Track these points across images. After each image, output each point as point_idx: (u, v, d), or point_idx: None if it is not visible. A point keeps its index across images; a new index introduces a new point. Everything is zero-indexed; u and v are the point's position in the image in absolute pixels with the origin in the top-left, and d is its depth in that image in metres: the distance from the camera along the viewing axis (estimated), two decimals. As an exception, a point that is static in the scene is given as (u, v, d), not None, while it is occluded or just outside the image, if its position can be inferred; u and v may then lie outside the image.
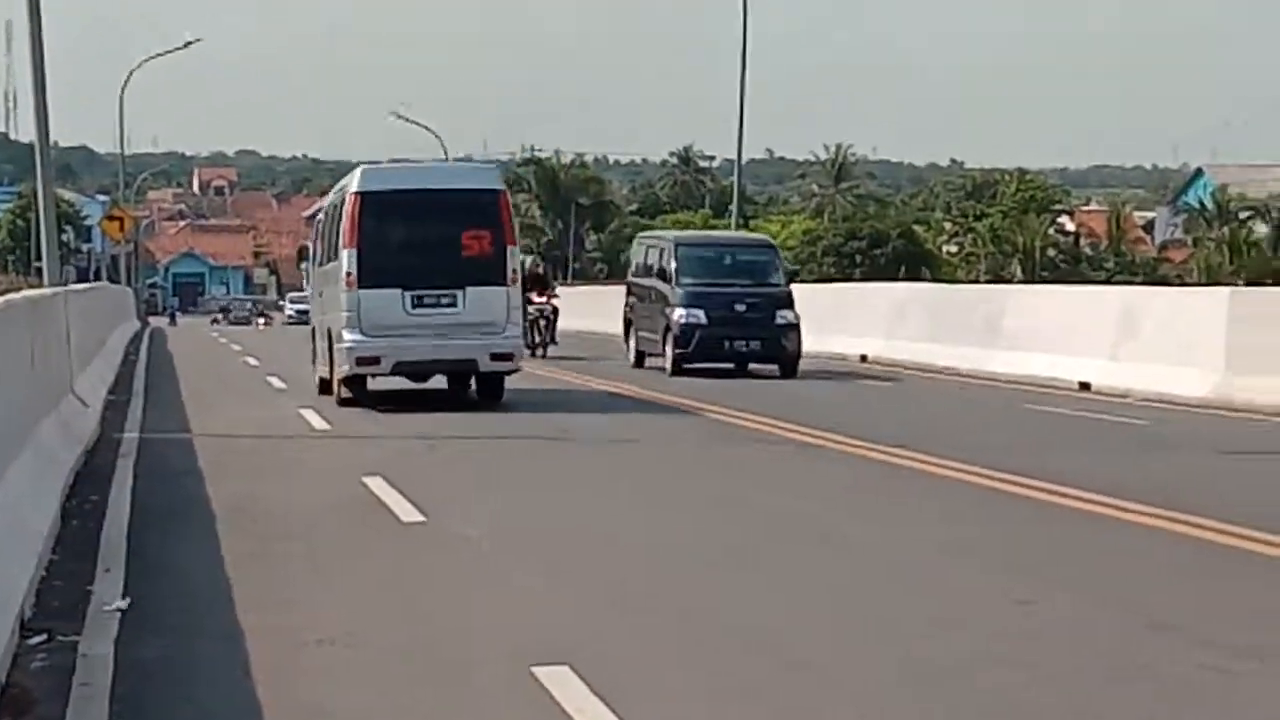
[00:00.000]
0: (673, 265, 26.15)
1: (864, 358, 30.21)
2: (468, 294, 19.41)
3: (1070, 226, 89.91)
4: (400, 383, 20.53)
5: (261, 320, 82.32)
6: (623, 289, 30.47)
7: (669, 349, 25.60)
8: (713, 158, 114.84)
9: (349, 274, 19.26)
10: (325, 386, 20.96)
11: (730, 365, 25.91)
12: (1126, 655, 7.06)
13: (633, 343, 28.18)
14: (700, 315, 25.28)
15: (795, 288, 27.95)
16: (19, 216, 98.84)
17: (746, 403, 19.52)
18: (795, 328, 25.65)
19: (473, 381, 20.61)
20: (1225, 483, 13.13)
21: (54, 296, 16.39)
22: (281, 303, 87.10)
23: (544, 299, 32.35)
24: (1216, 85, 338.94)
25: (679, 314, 25.44)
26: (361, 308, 19.25)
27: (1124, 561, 9.43)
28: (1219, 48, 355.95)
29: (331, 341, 20.21)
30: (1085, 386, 22.16)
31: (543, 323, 32.02)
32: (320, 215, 23.65)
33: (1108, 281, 63.49)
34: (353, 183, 19.88)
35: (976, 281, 66.96)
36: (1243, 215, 78.35)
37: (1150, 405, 19.91)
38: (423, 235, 19.51)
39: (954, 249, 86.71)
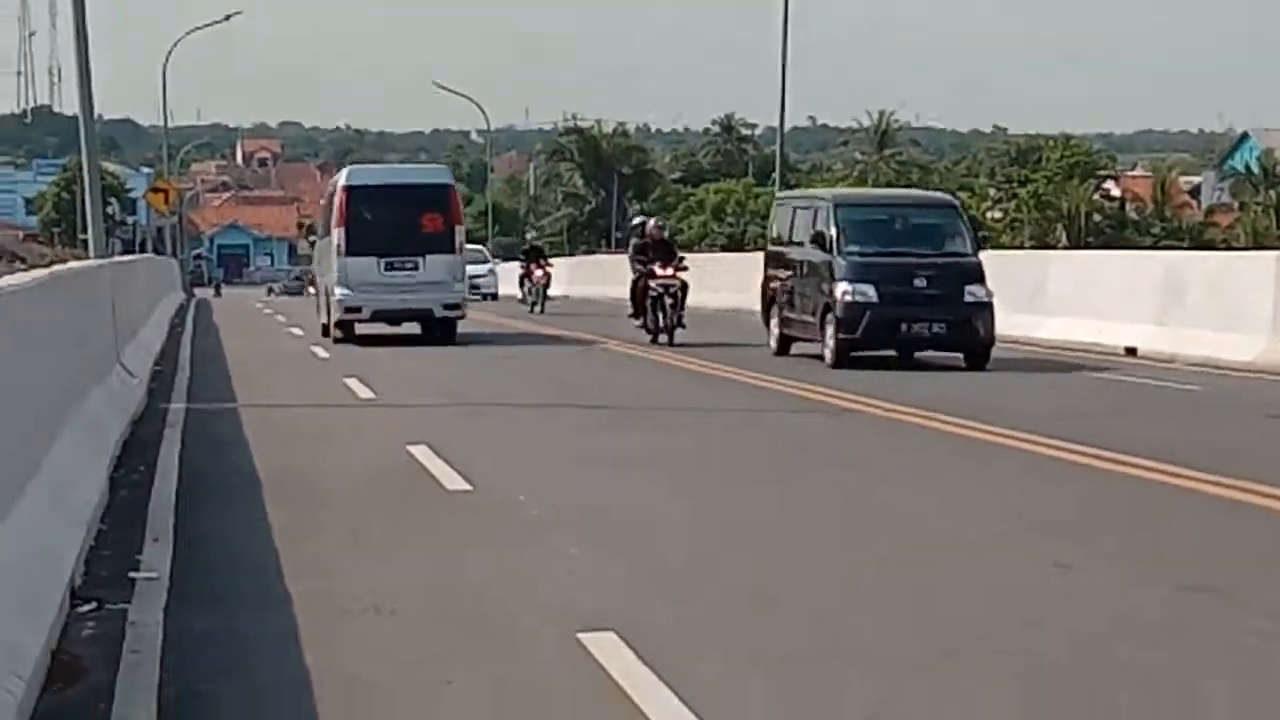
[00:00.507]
0: (833, 230, 21.06)
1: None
2: (426, 260, 26.12)
3: (1115, 192, 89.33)
4: (381, 327, 26.72)
5: (312, 289, 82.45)
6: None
7: (830, 334, 20.64)
8: (755, 126, 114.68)
9: (339, 246, 26.02)
10: (325, 330, 27.69)
11: (895, 354, 21.12)
12: (1169, 619, 7.05)
13: (775, 326, 22.99)
14: (870, 292, 20.38)
15: None
16: (64, 190, 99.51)
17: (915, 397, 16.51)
18: (988, 307, 20.70)
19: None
20: (1273, 447, 13.08)
21: (99, 269, 16.49)
22: None
23: (669, 273, 25.02)
24: (1263, 48, 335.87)
25: (844, 290, 20.43)
26: (348, 270, 25.91)
27: (1170, 526, 9.41)
28: (1266, 10, 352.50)
29: (327, 296, 27.32)
30: (1131, 352, 22.08)
31: (668, 302, 24.84)
32: (322, 201, 30.38)
33: (1153, 246, 63.21)
34: (342, 179, 27.06)
35: (1021, 248, 66.64)
36: (1289, 179, 77.70)
37: (1197, 370, 19.83)
38: (392, 217, 26.02)
39: (998, 215, 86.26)
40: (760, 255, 25.66)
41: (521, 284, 40.34)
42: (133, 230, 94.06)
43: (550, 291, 40.50)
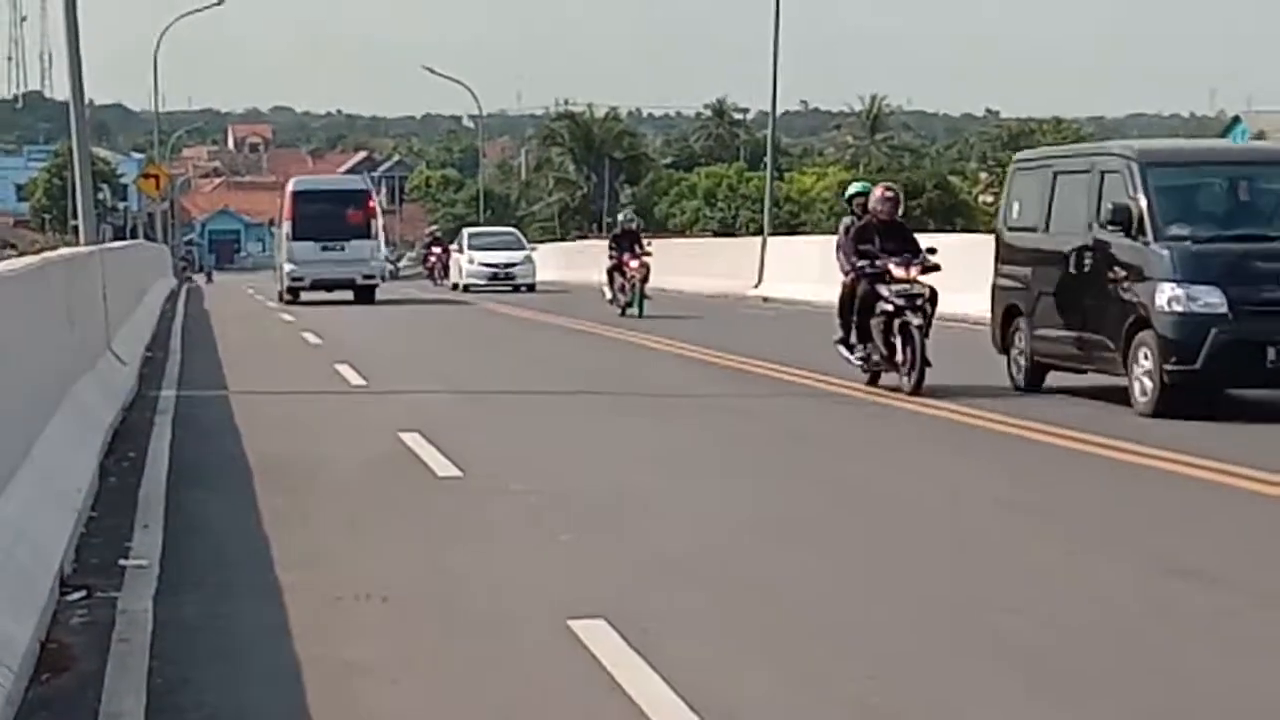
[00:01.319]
0: (1142, 201, 13.99)
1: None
2: (350, 244, 35.94)
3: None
4: (321, 295, 35.74)
5: None
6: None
7: (1148, 363, 13.54)
8: (746, 110, 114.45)
9: (288, 233, 36.26)
10: (280, 296, 37.12)
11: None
12: (1148, 602, 7.06)
13: (1021, 347, 15.67)
14: (1214, 298, 13.37)
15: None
16: (55, 175, 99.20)
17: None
18: None
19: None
20: (1269, 432, 13.04)
21: (90, 255, 16.46)
22: None
23: (912, 274, 15.20)
24: (1254, 31, 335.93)
25: (1170, 296, 13.42)
26: (294, 251, 35.92)
27: (1150, 509, 9.42)
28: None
29: (280, 270, 37.30)
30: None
31: (913, 324, 14.95)
32: (279, 201, 39.48)
33: (1145, 231, 63.06)
34: (290, 185, 38.07)
35: (1013, 232, 66.62)
36: (1281, 163, 77.73)
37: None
38: (326, 212, 36.19)
39: (990, 199, 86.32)
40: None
41: (611, 278, 30.87)
42: (124, 216, 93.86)
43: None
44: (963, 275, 18.00)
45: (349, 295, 36.25)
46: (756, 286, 38.07)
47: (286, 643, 6.49)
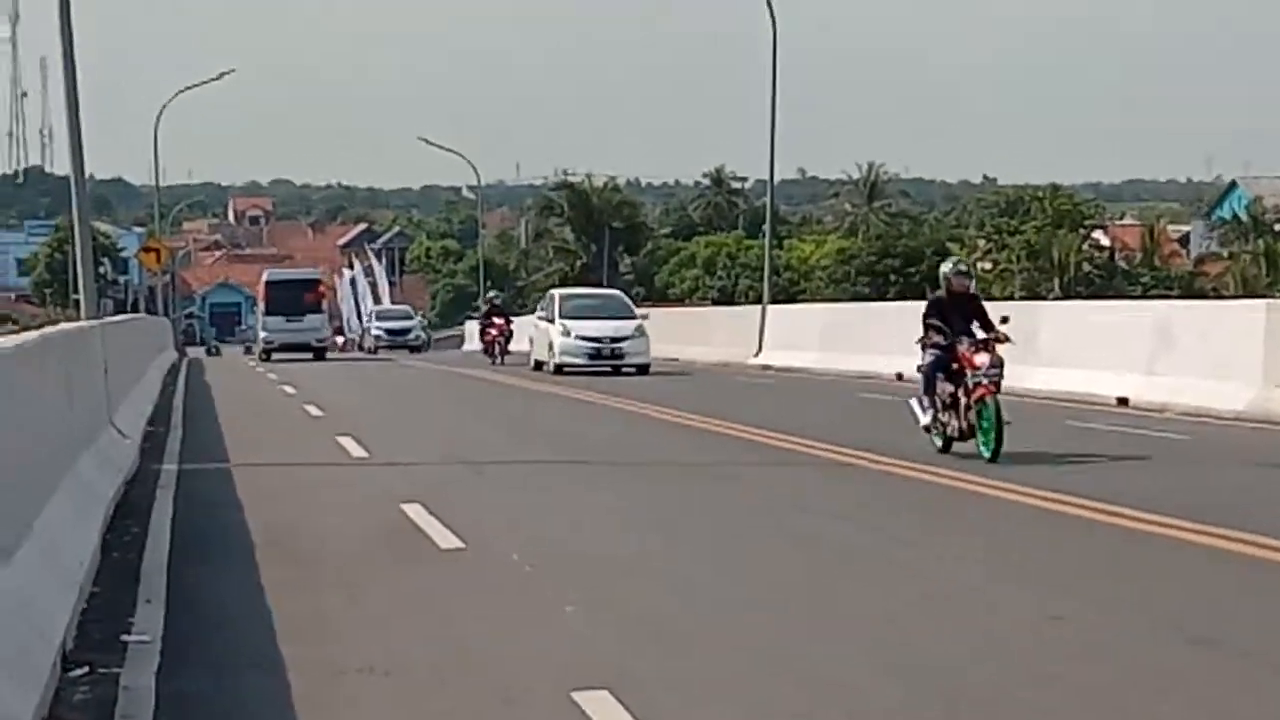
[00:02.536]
0: None
1: (900, 376, 30.14)
2: (306, 318, 48.94)
3: (1105, 241, 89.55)
4: (291, 356, 46.91)
5: (340, 339, 77.31)
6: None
7: None
8: (745, 179, 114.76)
9: (263, 310, 50.18)
10: (259, 356, 49.46)
11: None
12: (1162, 670, 7.04)
13: None
14: None
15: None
16: (56, 250, 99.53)
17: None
18: None
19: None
20: (1265, 497, 13.06)
21: (91, 329, 16.49)
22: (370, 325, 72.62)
23: None
24: (1250, 96, 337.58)
25: None
26: (267, 323, 49.51)
27: (1162, 576, 9.40)
28: (1253, 58, 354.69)
29: (258, 337, 50.97)
30: (1123, 402, 22.09)
31: None
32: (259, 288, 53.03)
33: (1143, 296, 63.30)
34: (264, 276, 52.51)
35: (1012, 298, 66.74)
36: (1278, 227, 77.99)
37: (1188, 420, 19.83)
38: (290, 295, 49.40)
39: (988, 266, 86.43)
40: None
41: (930, 384, 15.94)
42: (125, 290, 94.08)
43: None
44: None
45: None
46: (756, 355, 38.11)
47: (289, 717, 6.46)
